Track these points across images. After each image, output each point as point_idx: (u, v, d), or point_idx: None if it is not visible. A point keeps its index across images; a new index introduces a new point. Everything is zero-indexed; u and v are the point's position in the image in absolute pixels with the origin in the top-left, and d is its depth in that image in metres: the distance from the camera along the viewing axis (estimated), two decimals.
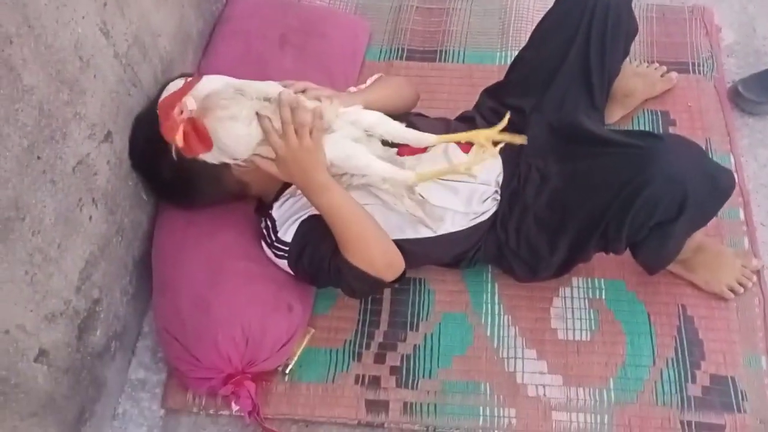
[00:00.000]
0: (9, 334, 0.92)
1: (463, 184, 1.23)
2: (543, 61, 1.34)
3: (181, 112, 1.02)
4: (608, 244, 1.19)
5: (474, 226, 1.24)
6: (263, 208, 1.25)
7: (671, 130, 1.54)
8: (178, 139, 1.02)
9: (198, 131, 1.04)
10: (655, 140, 1.12)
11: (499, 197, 1.26)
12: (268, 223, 1.20)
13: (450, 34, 1.70)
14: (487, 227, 1.26)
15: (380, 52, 1.69)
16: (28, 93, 0.90)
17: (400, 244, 1.18)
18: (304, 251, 1.15)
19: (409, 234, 1.21)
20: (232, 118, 1.05)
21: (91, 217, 1.09)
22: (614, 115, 1.52)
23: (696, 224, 1.18)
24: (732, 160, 1.50)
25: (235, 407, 1.21)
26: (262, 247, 1.22)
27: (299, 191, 1.16)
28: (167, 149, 1.06)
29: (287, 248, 1.16)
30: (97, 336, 1.16)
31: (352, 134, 1.10)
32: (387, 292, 1.36)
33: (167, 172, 1.15)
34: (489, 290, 1.37)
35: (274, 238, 1.18)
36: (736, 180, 1.45)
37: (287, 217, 1.17)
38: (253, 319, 1.16)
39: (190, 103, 1.03)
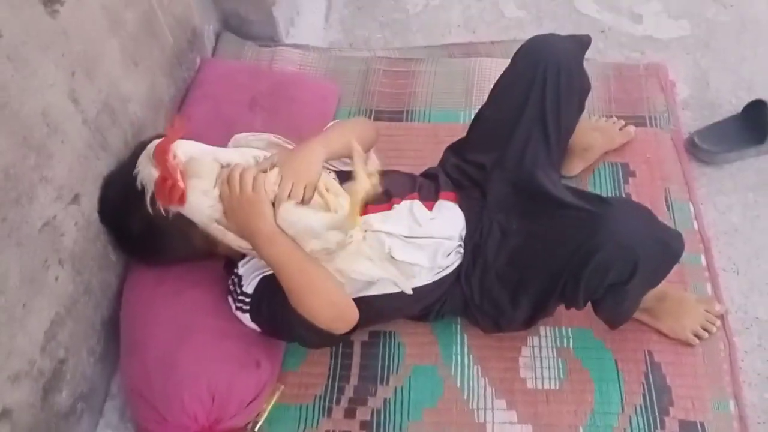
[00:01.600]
0: None
1: (427, 241, 1.26)
2: (501, 118, 1.38)
3: (174, 157, 1.08)
4: (567, 302, 1.22)
5: (439, 279, 1.27)
6: (231, 264, 1.27)
7: (631, 181, 1.59)
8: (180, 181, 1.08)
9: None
10: (606, 205, 1.16)
11: (462, 250, 1.28)
12: (235, 279, 1.22)
13: (416, 95, 1.77)
14: (451, 280, 1.28)
15: (349, 113, 1.75)
16: None
17: (367, 300, 1.20)
18: (261, 303, 1.17)
19: (375, 290, 1.23)
20: (204, 192, 1.12)
21: (57, 278, 1.11)
22: (575, 168, 1.57)
23: (649, 284, 1.22)
24: (691, 208, 1.54)
25: None
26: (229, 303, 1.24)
27: None
28: (138, 206, 1.12)
29: (248, 300, 1.18)
30: (62, 396, 1.16)
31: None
32: (357, 345, 1.38)
33: (137, 228, 1.18)
34: (458, 342, 1.38)
35: (239, 292, 1.19)
36: (695, 227, 1.51)
37: (251, 272, 1.20)
38: (220, 375, 1.16)
39: (180, 153, 1.10)
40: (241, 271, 1.21)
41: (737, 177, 1.60)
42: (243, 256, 1.24)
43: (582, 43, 1.42)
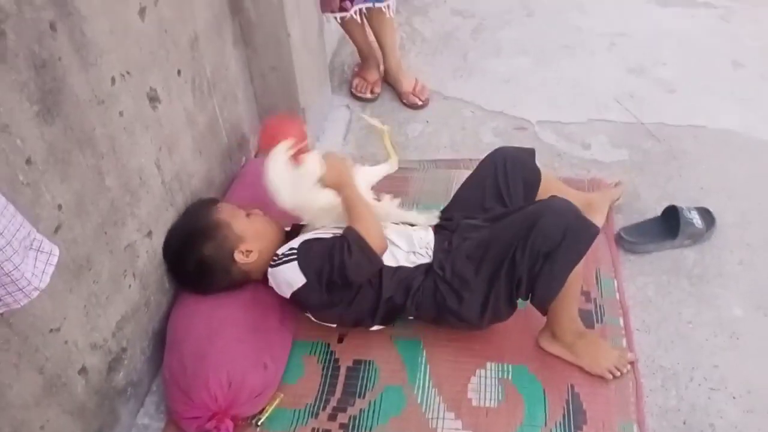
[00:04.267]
0: (67, 345, 1.36)
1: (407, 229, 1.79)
2: (468, 196, 1.92)
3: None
4: (515, 273, 1.58)
5: (416, 266, 1.71)
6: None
7: None
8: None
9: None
10: (550, 199, 1.65)
11: (431, 252, 1.74)
12: (273, 258, 1.69)
13: (407, 194, 2.27)
14: (424, 270, 1.71)
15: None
16: (106, 190, 1.44)
17: None
18: (312, 246, 1.64)
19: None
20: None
21: (130, 286, 1.57)
22: (596, 221, 1.95)
23: (574, 255, 1.55)
24: (615, 282, 1.95)
25: None
26: (250, 320, 1.67)
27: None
28: (193, 250, 1.65)
29: (295, 250, 1.63)
30: (119, 376, 1.57)
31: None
32: (343, 369, 1.77)
33: (191, 266, 1.68)
34: (422, 369, 1.75)
35: (276, 257, 1.66)
36: (617, 297, 1.91)
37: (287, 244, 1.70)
38: (237, 368, 1.57)
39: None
40: (280, 250, 1.69)
41: (655, 263, 2.02)
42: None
43: (527, 150, 1.96)
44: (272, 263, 1.67)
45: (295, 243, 1.67)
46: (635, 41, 3.00)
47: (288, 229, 1.83)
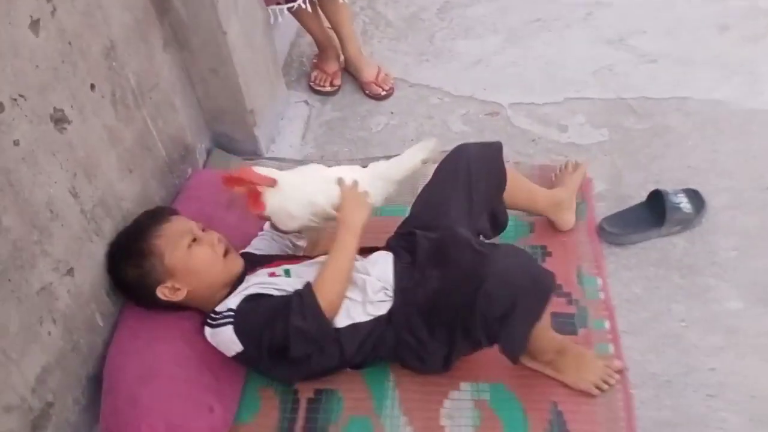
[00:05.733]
0: None
1: (361, 277, 1.56)
2: (429, 200, 1.72)
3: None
4: (471, 337, 1.43)
5: (373, 319, 1.52)
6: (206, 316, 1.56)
7: (548, 260, 1.84)
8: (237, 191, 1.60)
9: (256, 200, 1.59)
10: (493, 248, 1.45)
11: (391, 294, 1.55)
12: (212, 314, 1.52)
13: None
14: (384, 323, 1.53)
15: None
16: (5, 231, 1.26)
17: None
18: (249, 313, 1.46)
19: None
20: (292, 218, 1.61)
21: (50, 333, 1.39)
22: (568, 222, 1.88)
23: (532, 315, 1.40)
24: (599, 281, 1.78)
25: None
26: (192, 356, 1.50)
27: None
28: (117, 269, 1.54)
29: (232, 313, 1.46)
30: None
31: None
32: (304, 401, 1.60)
33: (115, 281, 1.57)
34: (390, 396, 1.59)
35: (214, 315, 1.50)
36: (602, 297, 1.74)
37: (226, 303, 1.52)
38: (175, 413, 1.40)
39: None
40: (219, 307, 1.52)
41: (641, 255, 1.84)
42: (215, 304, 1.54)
43: (492, 146, 1.76)
44: (209, 322, 1.52)
45: (235, 301, 1.50)
46: (613, 10, 2.78)
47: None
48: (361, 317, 1.52)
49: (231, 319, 1.46)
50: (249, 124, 2.20)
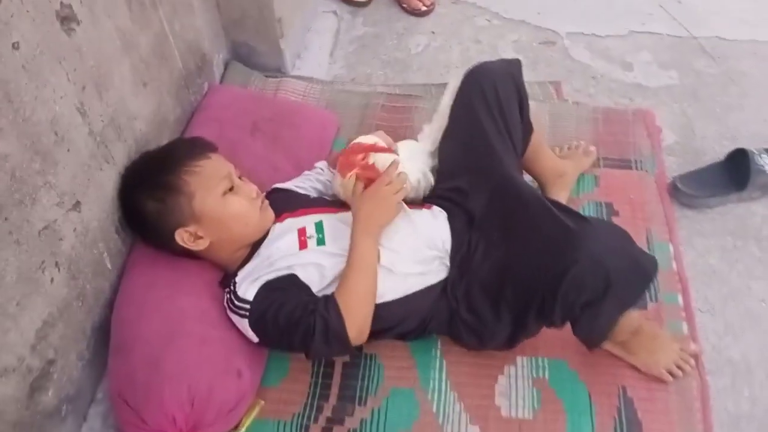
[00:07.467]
0: None
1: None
2: (464, 142, 1.44)
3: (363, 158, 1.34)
4: (545, 318, 1.25)
5: (426, 288, 1.32)
6: (227, 278, 1.33)
7: (614, 219, 1.64)
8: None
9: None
10: (584, 223, 1.21)
11: (448, 263, 1.33)
12: (231, 287, 1.28)
13: (412, 129, 1.83)
14: (438, 292, 1.33)
15: (347, 143, 1.81)
16: (2, 160, 1.00)
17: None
18: (269, 309, 1.22)
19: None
20: None
21: (52, 280, 1.16)
22: (560, 198, 1.63)
23: (624, 304, 1.24)
24: (671, 248, 1.58)
25: None
26: (219, 313, 1.29)
27: (259, 256, 1.28)
28: (133, 197, 1.31)
29: (248, 306, 1.23)
30: (48, 396, 1.20)
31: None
32: (338, 365, 1.41)
33: (127, 212, 1.35)
34: (437, 366, 1.40)
35: (235, 296, 1.25)
36: (674, 267, 1.55)
37: (246, 277, 1.26)
38: (201, 380, 1.20)
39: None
40: (239, 277, 1.28)
41: (717, 221, 1.65)
42: (241, 266, 1.31)
43: (512, 62, 1.51)
44: (229, 304, 1.28)
45: (252, 289, 1.25)
46: None
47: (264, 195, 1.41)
48: (413, 287, 1.32)
49: (246, 312, 1.24)
50: (275, 35, 1.90)
